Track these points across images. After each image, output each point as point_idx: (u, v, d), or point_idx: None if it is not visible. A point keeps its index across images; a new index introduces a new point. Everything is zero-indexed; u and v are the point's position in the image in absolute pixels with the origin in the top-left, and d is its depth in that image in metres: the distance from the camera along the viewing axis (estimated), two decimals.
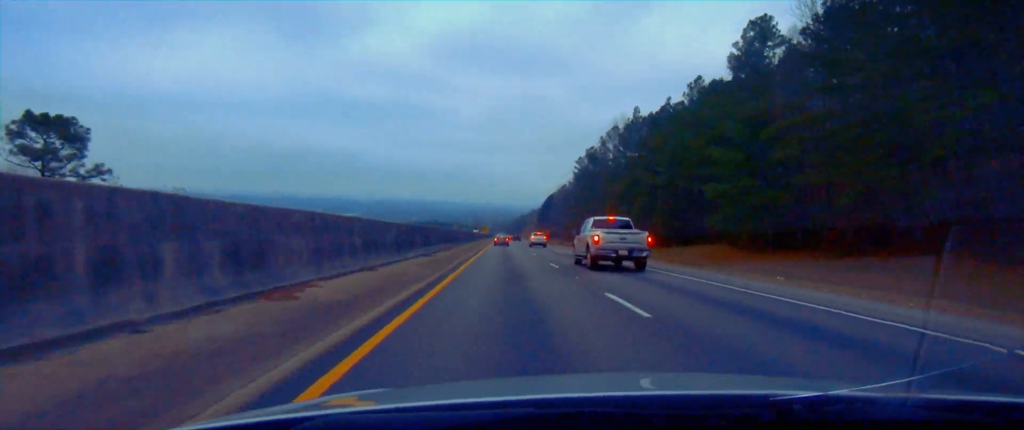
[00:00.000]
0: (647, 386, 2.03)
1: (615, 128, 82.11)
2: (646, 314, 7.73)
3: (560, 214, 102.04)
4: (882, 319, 8.18)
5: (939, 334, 6.73)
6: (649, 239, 18.42)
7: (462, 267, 17.78)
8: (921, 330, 6.89)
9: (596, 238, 17.74)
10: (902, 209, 21.57)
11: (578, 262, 20.56)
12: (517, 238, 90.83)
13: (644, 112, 76.51)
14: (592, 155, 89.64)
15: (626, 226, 19.48)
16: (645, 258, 18.09)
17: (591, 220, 20.11)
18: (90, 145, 47.59)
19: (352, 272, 12.51)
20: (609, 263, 18.13)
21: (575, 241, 22.13)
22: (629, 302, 8.94)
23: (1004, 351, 5.97)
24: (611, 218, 20.65)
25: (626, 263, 18.16)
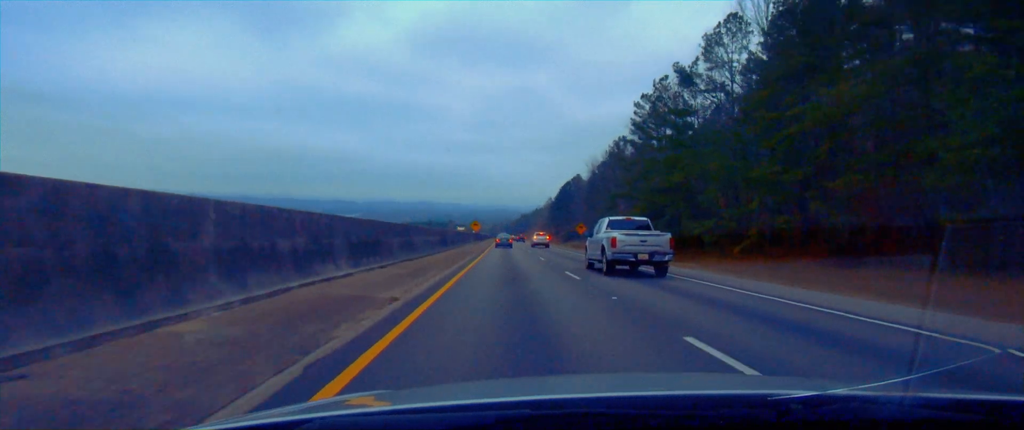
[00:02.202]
0: (647, 386, 2.10)
1: (735, 16, 39.00)
2: None
3: (582, 207, 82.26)
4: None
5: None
6: (671, 241, 17.14)
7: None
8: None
9: (614, 240, 16.55)
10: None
11: (591, 266, 19.53)
12: (520, 239, 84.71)
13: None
14: (684, 74, 44.21)
15: (645, 227, 18.54)
16: (667, 262, 16.83)
17: (606, 220, 19.15)
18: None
19: None
20: (625, 267, 17.24)
21: (587, 244, 20.78)
22: None
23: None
24: (628, 219, 19.76)
25: (644, 268, 17.30)
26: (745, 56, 39.71)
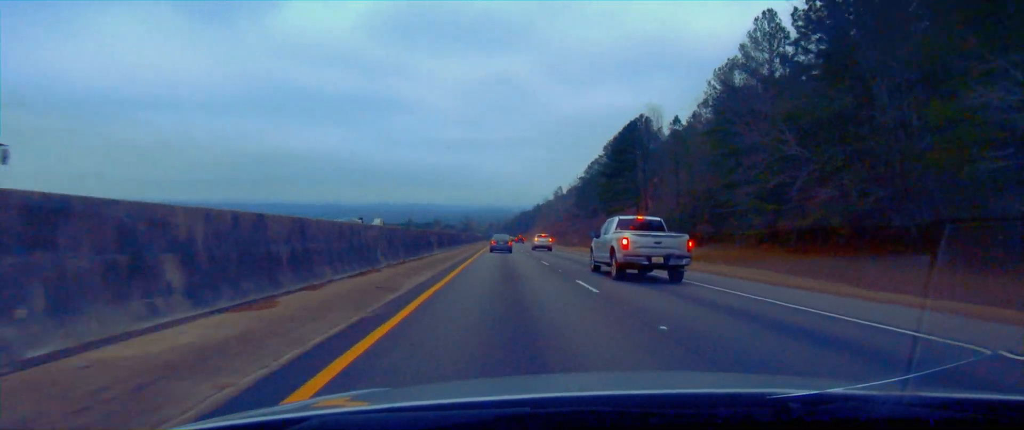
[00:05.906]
0: (644, 385, 2.13)
1: None
2: None
3: (682, 164, 51.21)
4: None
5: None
6: (690, 243, 16.22)
7: None
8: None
9: (624, 241, 15.66)
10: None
11: (597, 269, 18.89)
12: (519, 240, 75.91)
13: None
14: None
15: (658, 227, 17.77)
16: (684, 266, 15.94)
17: (615, 220, 18.49)
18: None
19: None
20: (634, 271, 16.42)
21: (593, 245, 20.03)
22: None
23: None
24: (640, 218, 19.09)
25: (656, 272, 16.55)
26: None
